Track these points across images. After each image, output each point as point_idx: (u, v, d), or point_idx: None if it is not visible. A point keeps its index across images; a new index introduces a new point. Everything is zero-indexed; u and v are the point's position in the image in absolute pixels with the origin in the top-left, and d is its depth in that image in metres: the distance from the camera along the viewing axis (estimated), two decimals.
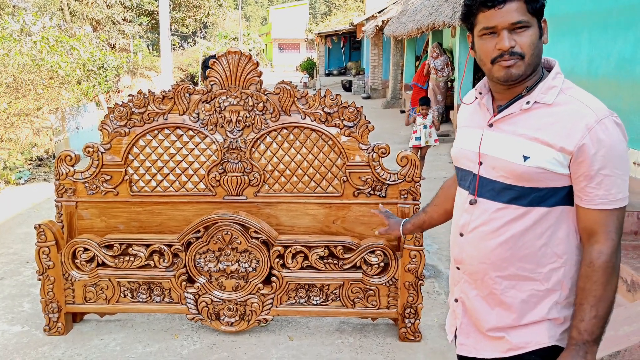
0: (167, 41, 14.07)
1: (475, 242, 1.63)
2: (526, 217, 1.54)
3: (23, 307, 3.94)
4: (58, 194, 3.49)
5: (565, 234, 1.55)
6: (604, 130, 1.43)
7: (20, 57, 9.19)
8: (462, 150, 1.70)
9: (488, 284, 1.63)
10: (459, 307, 1.75)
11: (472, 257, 1.65)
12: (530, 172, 1.49)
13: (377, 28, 17.99)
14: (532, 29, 1.48)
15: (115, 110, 3.41)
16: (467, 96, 1.75)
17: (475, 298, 1.68)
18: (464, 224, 1.67)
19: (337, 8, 47.98)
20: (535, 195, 1.52)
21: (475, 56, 1.60)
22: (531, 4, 1.47)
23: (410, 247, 3.24)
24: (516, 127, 1.54)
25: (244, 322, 3.41)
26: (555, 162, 1.47)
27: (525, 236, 1.55)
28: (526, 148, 1.50)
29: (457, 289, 1.76)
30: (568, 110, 1.48)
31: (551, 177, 1.50)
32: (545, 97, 1.51)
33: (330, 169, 3.40)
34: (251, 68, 3.30)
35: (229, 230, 3.27)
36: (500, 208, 1.57)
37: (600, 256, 1.47)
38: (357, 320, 3.64)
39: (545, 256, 1.55)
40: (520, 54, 1.48)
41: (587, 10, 5.50)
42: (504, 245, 1.57)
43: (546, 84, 1.53)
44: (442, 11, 10.45)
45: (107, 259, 3.38)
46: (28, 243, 5.27)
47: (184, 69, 28.07)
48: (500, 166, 1.55)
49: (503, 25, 1.47)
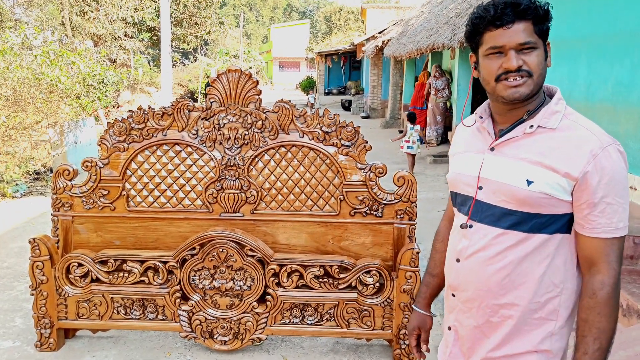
0: (167, 57, 14.14)
1: (473, 268, 1.60)
2: (526, 243, 1.51)
3: (15, 322, 3.90)
4: (55, 208, 3.48)
5: (563, 262, 1.52)
6: (608, 157, 1.42)
7: (20, 70, 9.22)
8: (460, 175, 1.67)
9: (484, 311, 1.59)
10: (451, 335, 1.72)
11: (468, 283, 1.61)
12: (533, 197, 1.47)
13: (377, 48, 18.14)
14: (538, 50, 1.48)
15: (114, 125, 3.42)
16: (467, 119, 1.73)
17: (470, 326, 1.64)
18: (461, 249, 1.63)
19: (338, 28, 48.44)
20: (537, 221, 1.49)
21: (479, 76, 1.58)
22: (539, 26, 1.47)
23: (406, 267, 3.23)
24: (519, 151, 1.51)
25: (237, 341, 3.38)
26: (559, 188, 1.45)
27: (524, 263, 1.52)
28: (530, 172, 1.48)
29: (451, 317, 1.72)
30: (572, 135, 1.46)
31: (553, 203, 1.47)
32: (549, 122, 1.49)
33: (327, 188, 3.40)
34: (251, 86, 3.32)
35: (224, 247, 3.26)
36: (500, 234, 1.54)
37: (603, 287, 1.45)
38: (351, 341, 3.61)
39: (544, 284, 1.52)
40: (528, 72, 1.47)
41: (585, 36, 5.56)
42: (502, 272, 1.54)
43: (549, 108, 1.51)
44: (441, 33, 10.54)
45: (101, 274, 3.37)
46: (22, 257, 5.24)
47: (184, 85, 28.20)
48: (502, 190, 1.52)
49: (511, 45, 1.46)
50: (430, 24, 12.45)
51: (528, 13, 1.45)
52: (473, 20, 1.53)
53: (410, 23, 15.73)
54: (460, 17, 9.75)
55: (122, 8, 19.34)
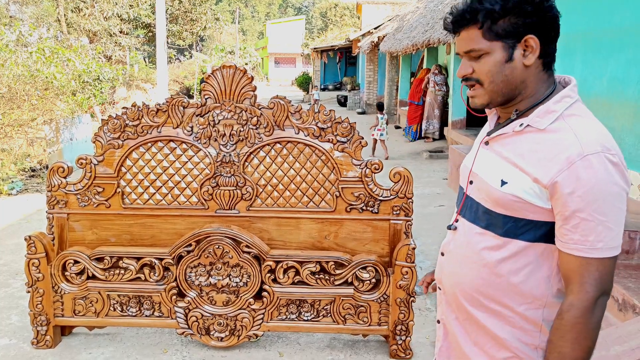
0: (163, 54, 14.11)
1: (453, 263, 1.57)
2: (502, 248, 1.43)
3: (11, 320, 3.90)
4: (50, 205, 3.48)
5: (546, 275, 1.41)
6: (588, 167, 1.27)
7: (15, 67, 9.19)
8: (463, 166, 1.63)
9: (462, 308, 1.55)
10: (441, 329, 1.68)
11: (448, 278, 1.59)
12: (504, 199, 1.39)
13: (373, 44, 18.14)
14: (491, 55, 1.38)
15: (109, 122, 3.41)
16: None
17: (455, 321, 1.60)
18: (445, 242, 1.62)
19: (334, 24, 48.38)
20: (511, 225, 1.41)
21: None
22: (489, 31, 1.37)
23: (402, 263, 3.23)
24: (504, 149, 1.45)
25: (234, 337, 3.38)
26: (532, 193, 1.35)
27: (499, 268, 1.44)
28: (506, 173, 1.41)
29: (439, 310, 1.69)
30: (556, 139, 1.34)
31: (527, 208, 1.37)
32: (539, 122, 1.38)
33: (323, 184, 3.40)
34: (246, 82, 3.31)
35: (220, 244, 3.26)
36: (478, 232, 1.49)
37: (570, 309, 1.32)
38: (348, 337, 3.62)
39: (520, 295, 1.43)
40: (477, 80, 1.41)
41: (580, 31, 5.56)
42: (478, 272, 1.48)
43: (546, 107, 1.39)
44: (437, 28, 10.54)
45: (97, 271, 3.36)
46: (18, 254, 5.23)
47: (180, 82, 28.11)
48: (482, 188, 1.48)
49: (460, 53, 1.44)
50: (425, 19, 12.44)
51: (468, 19, 1.38)
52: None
53: (405, 19, 15.71)
54: None
55: (118, 4, 19.28)
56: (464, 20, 1.39)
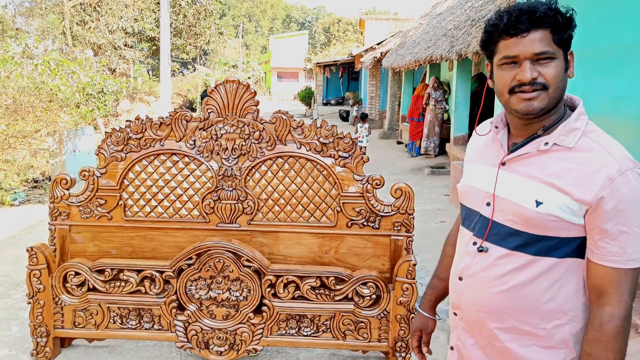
0: (167, 67, 14.20)
1: (475, 288, 1.52)
2: (532, 266, 1.42)
3: (11, 331, 3.90)
4: (52, 217, 3.49)
5: (574, 289, 1.43)
6: (627, 183, 1.32)
7: (21, 79, 9.25)
8: (471, 188, 1.59)
9: (486, 334, 1.52)
10: (454, 356, 1.65)
11: (469, 304, 1.54)
12: (541, 219, 1.38)
13: (376, 59, 18.22)
14: (557, 61, 1.37)
15: (112, 135, 3.43)
16: (481, 127, 1.65)
17: (473, 347, 1.57)
18: (464, 267, 1.56)
19: (336, 39, 48.67)
20: (545, 244, 1.40)
21: (494, 86, 1.49)
22: (558, 34, 1.36)
23: (403, 279, 3.23)
24: (530, 169, 1.43)
25: (233, 351, 3.37)
26: (569, 211, 1.36)
27: (529, 287, 1.43)
28: (540, 193, 1.39)
29: (454, 336, 1.66)
30: (589, 157, 1.36)
31: (563, 227, 1.38)
32: (566, 140, 1.39)
33: (325, 199, 3.41)
34: (248, 97, 3.34)
35: (221, 258, 3.27)
36: (504, 255, 1.46)
37: (612, 320, 1.34)
38: (347, 353, 3.61)
39: (551, 311, 1.43)
40: (544, 85, 1.37)
41: (581, 49, 5.59)
42: (505, 295, 1.45)
43: (568, 125, 1.41)
44: (439, 45, 10.60)
45: (98, 283, 3.36)
46: (19, 265, 5.23)
47: (183, 95, 28.27)
48: (509, 209, 1.44)
49: (525, 55, 1.37)
50: (428, 35, 12.52)
51: (545, 21, 1.35)
52: (487, 28, 1.45)
53: (408, 35, 15.82)
54: (458, 30, 9.81)
55: (123, 18, 19.42)
56: (540, 21, 1.36)
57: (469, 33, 8.92)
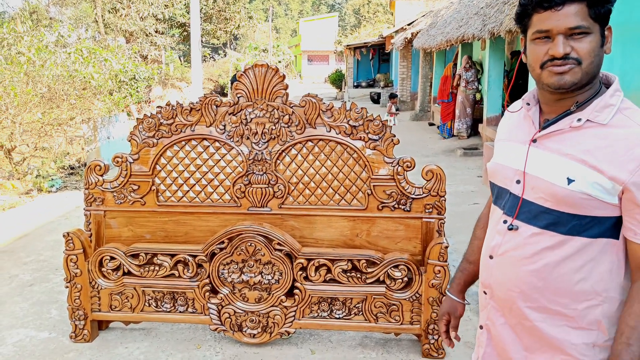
0: (197, 53, 14.25)
1: (505, 267, 1.50)
2: (564, 246, 1.40)
3: (51, 314, 4.01)
4: (87, 202, 3.56)
5: (608, 269, 1.40)
6: None
7: (55, 68, 9.43)
8: (501, 166, 1.56)
9: (516, 313, 1.51)
10: (484, 335, 1.64)
11: (500, 283, 1.53)
12: (573, 197, 1.36)
13: (406, 40, 17.98)
14: (592, 36, 1.33)
15: (144, 121, 3.47)
16: (513, 105, 1.62)
17: (503, 326, 1.56)
18: (495, 245, 1.54)
19: (367, 20, 48.21)
20: (576, 223, 1.38)
21: (526, 61, 1.46)
22: (594, 8, 1.32)
23: (435, 262, 3.21)
24: (562, 146, 1.40)
25: (266, 334, 3.41)
26: (602, 190, 1.34)
27: (561, 267, 1.41)
28: (571, 170, 1.36)
29: (483, 315, 1.64)
30: (624, 134, 1.33)
31: (596, 205, 1.35)
32: (600, 116, 1.36)
33: (355, 182, 3.39)
34: (277, 81, 3.33)
35: (252, 241, 3.28)
36: (535, 233, 1.44)
37: None
38: (379, 335, 3.61)
39: (583, 292, 1.41)
40: (577, 59, 1.33)
41: (620, 23, 5.41)
42: (536, 274, 1.44)
43: (602, 101, 1.37)
44: (471, 24, 10.39)
45: (132, 268, 3.42)
46: (57, 250, 5.36)
47: (215, 80, 28.43)
48: (540, 187, 1.42)
49: (559, 30, 1.33)
50: (460, 14, 12.28)
51: None
52: (522, 1, 1.41)
53: (439, 14, 15.55)
54: (490, 8, 9.59)
55: (153, 5, 19.59)
56: None
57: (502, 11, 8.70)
